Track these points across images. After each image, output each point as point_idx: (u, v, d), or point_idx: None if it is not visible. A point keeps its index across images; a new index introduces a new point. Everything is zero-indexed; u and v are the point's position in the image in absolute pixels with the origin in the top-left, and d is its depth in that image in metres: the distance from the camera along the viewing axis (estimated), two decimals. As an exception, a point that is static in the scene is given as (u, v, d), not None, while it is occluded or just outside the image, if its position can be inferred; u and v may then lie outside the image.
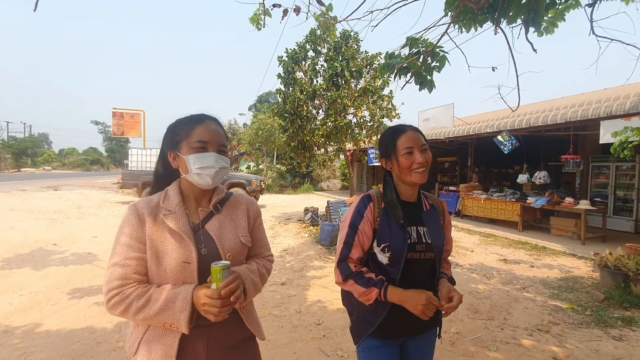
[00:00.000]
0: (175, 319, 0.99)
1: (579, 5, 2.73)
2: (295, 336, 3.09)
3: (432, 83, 3.02)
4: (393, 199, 1.30)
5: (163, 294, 1.01)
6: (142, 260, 1.05)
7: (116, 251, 1.04)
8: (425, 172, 1.27)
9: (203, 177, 1.11)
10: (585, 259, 6.00)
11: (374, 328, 1.28)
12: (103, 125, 56.14)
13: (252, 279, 1.15)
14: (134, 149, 14.95)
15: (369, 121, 9.01)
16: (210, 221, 1.16)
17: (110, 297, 1.00)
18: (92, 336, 2.96)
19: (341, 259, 1.31)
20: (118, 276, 1.01)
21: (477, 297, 4.14)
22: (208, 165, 1.10)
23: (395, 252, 1.25)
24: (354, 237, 1.29)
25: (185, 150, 1.11)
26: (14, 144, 45.91)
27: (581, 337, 3.17)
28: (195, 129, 1.13)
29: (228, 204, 1.24)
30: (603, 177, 9.04)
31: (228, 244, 1.14)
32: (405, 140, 1.28)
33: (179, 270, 1.05)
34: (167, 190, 1.16)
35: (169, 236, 1.07)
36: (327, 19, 4.30)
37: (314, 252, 6.15)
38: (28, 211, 9.45)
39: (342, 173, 22.95)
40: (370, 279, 1.25)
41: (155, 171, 1.25)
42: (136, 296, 1.00)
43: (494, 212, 9.13)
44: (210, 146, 1.12)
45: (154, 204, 1.11)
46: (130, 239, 1.05)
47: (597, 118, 6.55)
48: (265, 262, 1.30)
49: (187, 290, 1.01)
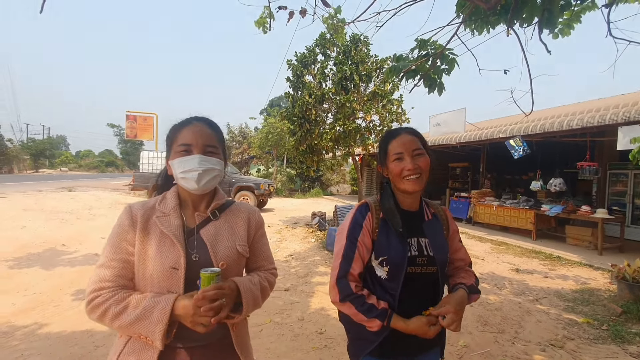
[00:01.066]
0: (150, 330, 0.92)
1: (596, 7, 2.62)
2: (295, 345, 3.00)
3: (442, 85, 2.94)
4: (391, 206, 1.21)
5: (142, 302, 0.94)
6: (128, 263, 1.01)
7: (104, 252, 1.01)
8: (419, 179, 1.16)
9: (187, 180, 1.06)
10: (602, 270, 5.75)
11: (373, 346, 1.18)
12: (118, 128, 57.28)
13: (252, 292, 1.08)
14: (145, 151, 15.17)
15: (379, 125, 8.92)
16: (206, 227, 1.11)
17: (90, 299, 0.95)
18: (91, 339, 2.93)
19: (340, 275, 1.18)
20: (101, 278, 0.97)
21: (488, 308, 3.99)
22: (190, 168, 1.05)
23: (394, 266, 1.16)
24: (354, 250, 1.18)
25: (172, 155, 1.09)
26: (32, 145, 47.34)
27: (597, 353, 3.00)
28: (180, 132, 1.10)
29: (228, 211, 1.18)
30: (621, 185, 8.72)
31: (222, 252, 1.08)
32: (395, 146, 1.19)
33: (165, 277, 0.99)
34: (166, 193, 1.14)
35: (160, 239, 1.02)
36: (335, 22, 4.25)
37: (319, 258, 6.06)
38: (40, 211, 9.62)
39: (352, 177, 22.85)
40: (372, 307, 1.13)
41: (159, 175, 1.24)
42: (115, 301, 0.94)
43: (506, 219, 8.89)
44: (195, 148, 1.07)
45: (150, 206, 1.08)
46: (119, 240, 1.02)
47: (615, 124, 6.31)
48: (269, 276, 1.23)
49: (167, 300, 0.94)
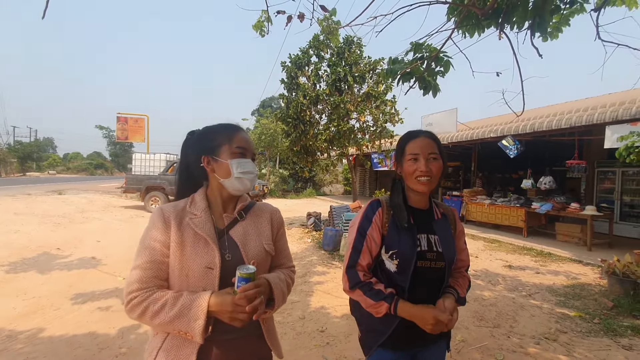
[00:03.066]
0: (189, 327, 0.97)
1: (584, 11, 2.72)
2: (298, 343, 3.05)
3: (437, 87, 3.01)
4: (399, 202, 1.28)
5: (179, 300, 0.99)
6: (163, 264, 1.05)
7: (139, 254, 1.05)
8: (429, 181, 1.23)
9: (243, 181, 1.13)
10: (591, 265, 5.92)
11: (384, 338, 1.24)
12: (107, 130, 56.49)
13: (281, 289, 1.15)
14: (137, 153, 15.01)
15: (372, 126, 9.01)
16: (235, 227, 1.16)
17: (129, 300, 0.99)
18: (95, 342, 2.94)
19: (350, 265, 1.27)
20: (137, 279, 1.01)
21: (483, 304, 4.09)
22: (249, 170, 1.14)
23: (403, 260, 1.22)
24: (362, 243, 1.26)
25: (225, 155, 1.13)
26: (19, 148, 46.36)
27: (590, 346, 3.11)
28: (237, 135, 1.16)
29: (252, 211, 1.24)
30: (609, 183, 8.96)
31: (252, 251, 1.13)
32: (413, 147, 1.26)
33: (200, 276, 1.04)
34: (194, 196, 1.17)
35: (194, 240, 1.06)
36: (330, 24, 4.31)
37: (316, 258, 6.11)
38: (32, 215, 9.48)
39: (345, 178, 22.93)
40: (380, 292, 1.22)
41: (178, 178, 1.25)
42: (153, 300, 0.99)
43: (498, 217, 9.07)
44: (248, 153, 1.16)
45: (181, 208, 1.12)
46: (154, 242, 1.05)
47: (603, 123, 6.50)
48: (290, 273, 1.29)
49: (203, 297, 0.99)
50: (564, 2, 2.61)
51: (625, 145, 4.40)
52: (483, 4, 2.62)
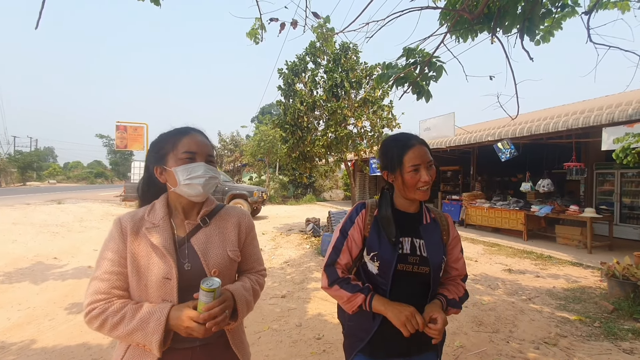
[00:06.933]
0: (147, 340, 0.96)
1: (576, 14, 2.73)
2: (294, 351, 3.01)
3: (429, 93, 3.02)
4: (388, 215, 1.26)
5: (138, 313, 0.98)
6: (122, 275, 1.04)
7: (98, 265, 1.04)
8: (429, 189, 1.23)
9: (193, 186, 1.09)
10: (592, 268, 5.87)
11: (363, 344, 1.23)
12: (107, 139, 56.69)
13: (245, 299, 1.12)
14: (137, 161, 15.04)
15: (370, 131, 9.03)
16: (197, 235, 1.12)
17: (87, 311, 0.98)
18: (88, 352, 2.90)
19: (328, 263, 1.29)
20: (96, 290, 1.00)
21: (482, 308, 4.05)
22: (197, 174, 1.09)
23: (383, 262, 1.21)
24: (343, 243, 1.28)
25: (172, 162, 1.10)
26: (20, 158, 46.48)
27: (590, 350, 3.07)
28: (182, 140, 1.11)
29: (218, 216, 1.20)
30: (608, 185, 8.93)
31: (214, 259, 1.10)
32: (413, 157, 1.22)
33: (159, 286, 1.02)
34: (154, 203, 1.15)
35: (151, 250, 1.05)
36: (324, 31, 4.34)
37: (314, 264, 6.08)
38: (30, 225, 9.46)
39: (345, 183, 22.93)
40: (357, 285, 1.23)
41: (140, 188, 1.23)
42: (112, 312, 0.98)
43: (497, 221, 9.03)
44: (198, 156, 1.11)
45: (139, 218, 1.10)
46: (112, 253, 1.04)
47: (599, 125, 6.50)
48: (259, 277, 1.26)
49: (162, 311, 0.98)
50: (556, 5, 2.63)
51: (622, 147, 4.39)
52: (474, 9, 2.63)
